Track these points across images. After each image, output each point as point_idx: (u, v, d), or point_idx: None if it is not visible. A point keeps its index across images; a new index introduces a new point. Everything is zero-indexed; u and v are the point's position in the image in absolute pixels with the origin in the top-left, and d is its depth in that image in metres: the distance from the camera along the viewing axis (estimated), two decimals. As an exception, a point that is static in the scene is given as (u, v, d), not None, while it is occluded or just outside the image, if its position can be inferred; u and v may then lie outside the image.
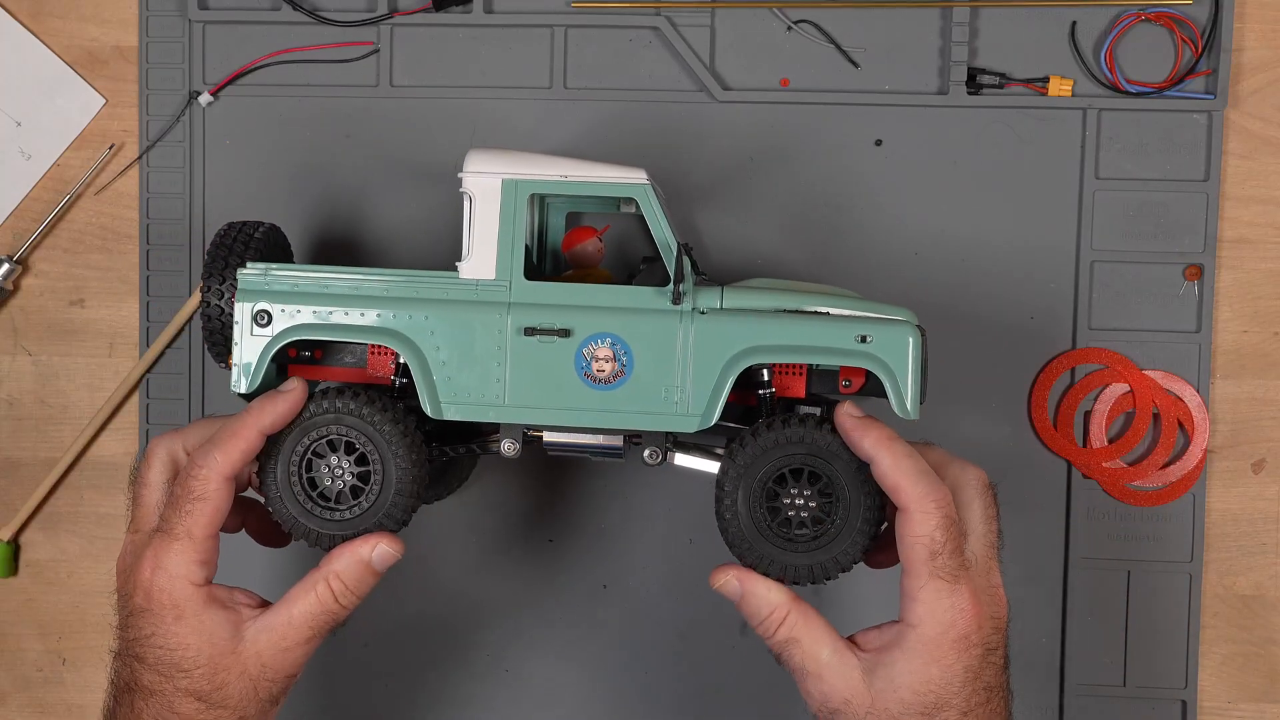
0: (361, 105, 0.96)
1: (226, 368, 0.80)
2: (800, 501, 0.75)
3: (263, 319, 0.77)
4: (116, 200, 0.98)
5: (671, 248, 0.76)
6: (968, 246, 0.94)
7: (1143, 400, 0.93)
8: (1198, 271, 0.93)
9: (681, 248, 0.76)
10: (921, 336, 0.76)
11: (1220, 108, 0.92)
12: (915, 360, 0.76)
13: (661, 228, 0.77)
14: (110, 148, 0.97)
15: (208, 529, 0.74)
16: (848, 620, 0.78)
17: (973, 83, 0.93)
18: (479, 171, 0.77)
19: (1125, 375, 0.93)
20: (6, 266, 0.97)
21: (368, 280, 0.77)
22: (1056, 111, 0.93)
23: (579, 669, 0.97)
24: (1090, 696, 0.94)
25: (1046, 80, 0.92)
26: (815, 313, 0.77)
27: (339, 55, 0.95)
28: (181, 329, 0.96)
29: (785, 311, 0.77)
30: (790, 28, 0.94)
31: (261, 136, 0.96)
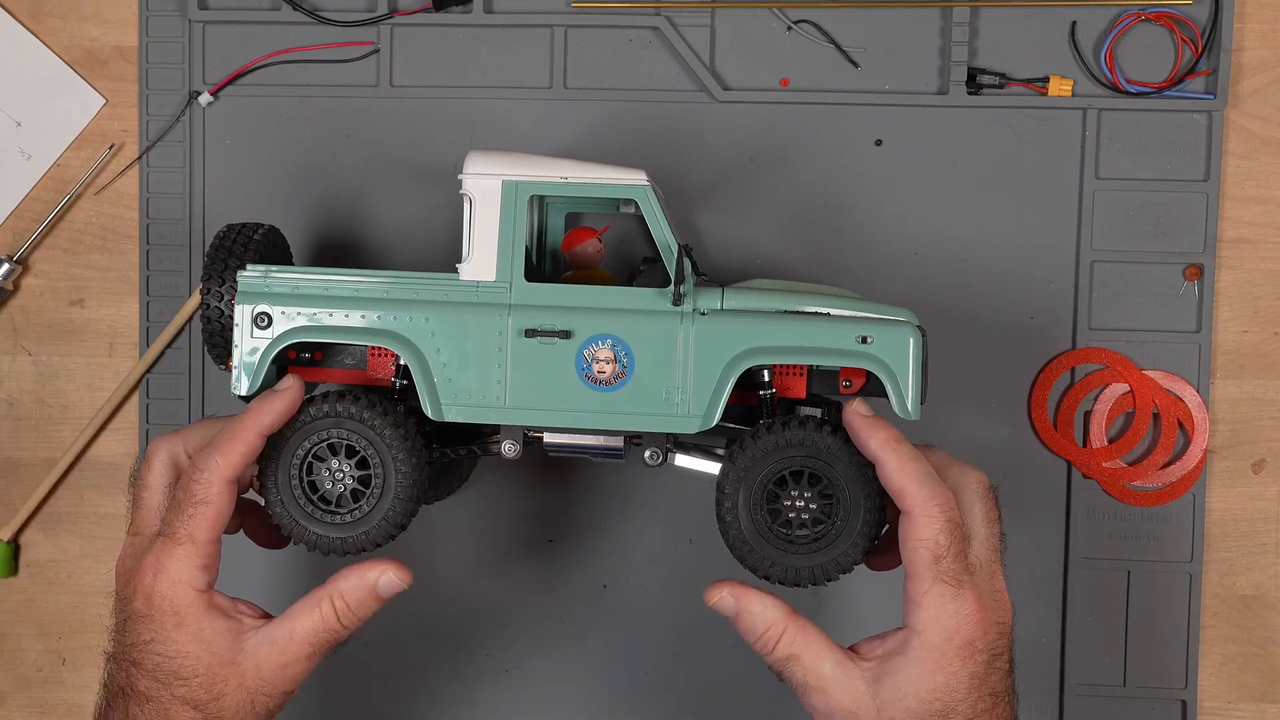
0: (361, 105, 0.95)
1: (226, 370, 0.80)
2: (801, 503, 0.75)
3: (263, 321, 0.77)
4: (116, 200, 0.98)
5: (672, 249, 0.76)
6: (968, 246, 0.94)
7: (1143, 400, 0.93)
8: (1198, 271, 0.93)
9: (682, 249, 0.76)
10: (922, 337, 0.76)
11: (1220, 108, 0.92)
12: (916, 360, 0.76)
13: (662, 229, 0.77)
14: (110, 148, 0.97)
15: (210, 533, 0.73)
16: (847, 627, 0.79)
17: (973, 83, 0.93)
18: (479, 173, 0.77)
19: (1125, 375, 0.93)
20: (6, 266, 0.97)
21: (368, 282, 0.77)
22: (1056, 111, 0.93)
23: (579, 669, 0.97)
24: (1090, 696, 0.94)
25: (1046, 80, 0.92)
26: (816, 313, 0.77)
27: (339, 55, 0.95)
28: (181, 329, 0.96)
29: (786, 312, 0.77)
30: (790, 28, 0.94)
31: (261, 136, 0.96)
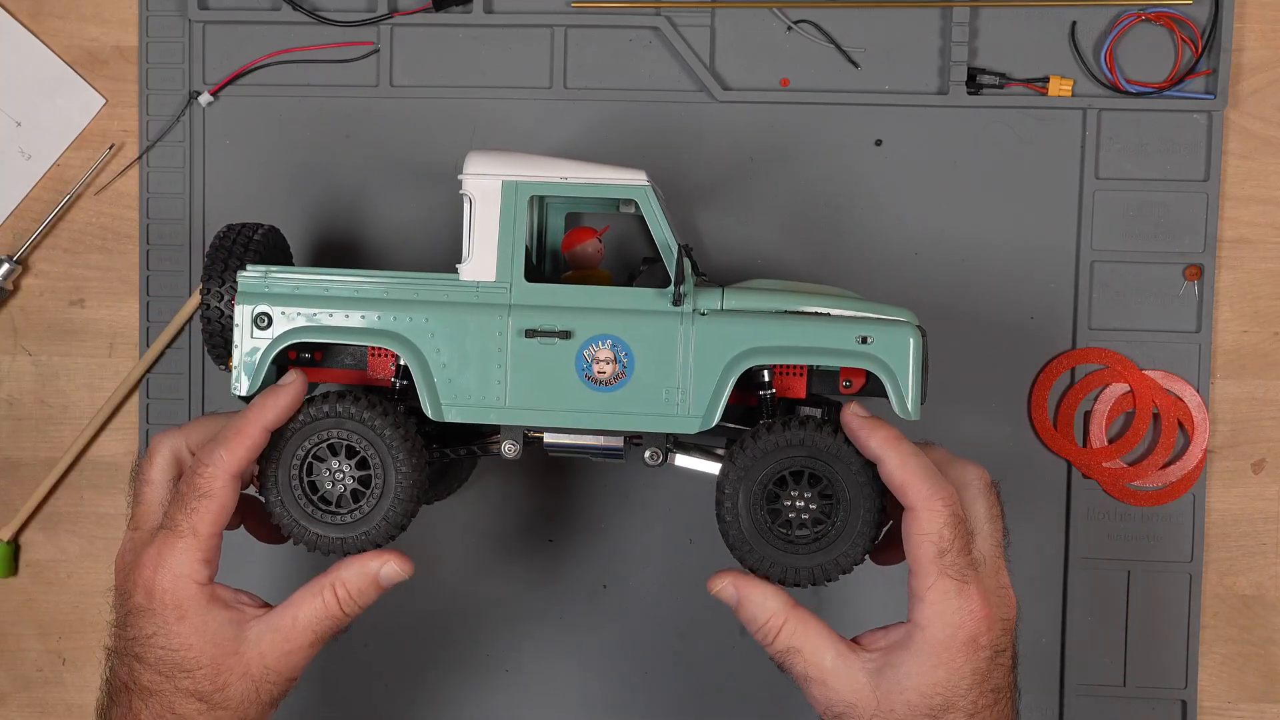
0: (361, 105, 0.95)
1: (226, 370, 0.80)
2: (801, 503, 0.75)
3: (263, 321, 0.77)
4: (116, 200, 0.98)
5: (672, 249, 0.76)
6: (968, 246, 0.94)
7: (1143, 400, 0.93)
8: (1198, 271, 0.93)
9: (682, 249, 0.76)
10: (922, 337, 0.76)
11: (1220, 108, 0.92)
12: (916, 361, 0.76)
13: (662, 229, 0.77)
14: (110, 148, 0.97)
15: (213, 527, 0.73)
16: (850, 619, 0.79)
17: (973, 83, 0.93)
18: (479, 173, 0.77)
19: (1125, 375, 0.93)
20: (6, 266, 0.97)
21: (368, 282, 0.77)
22: (1056, 111, 0.93)
23: (579, 669, 0.97)
24: (1090, 696, 0.94)
25: (1046, 80, 0.92)
26: (816, 313, 0.77)
27: (339, 55, 0.95)
28: (181, 329, 0.96)
29: (786, 312, 0.77)
30: (790, 28, 0.94)
31: (261, 136, 0.96)
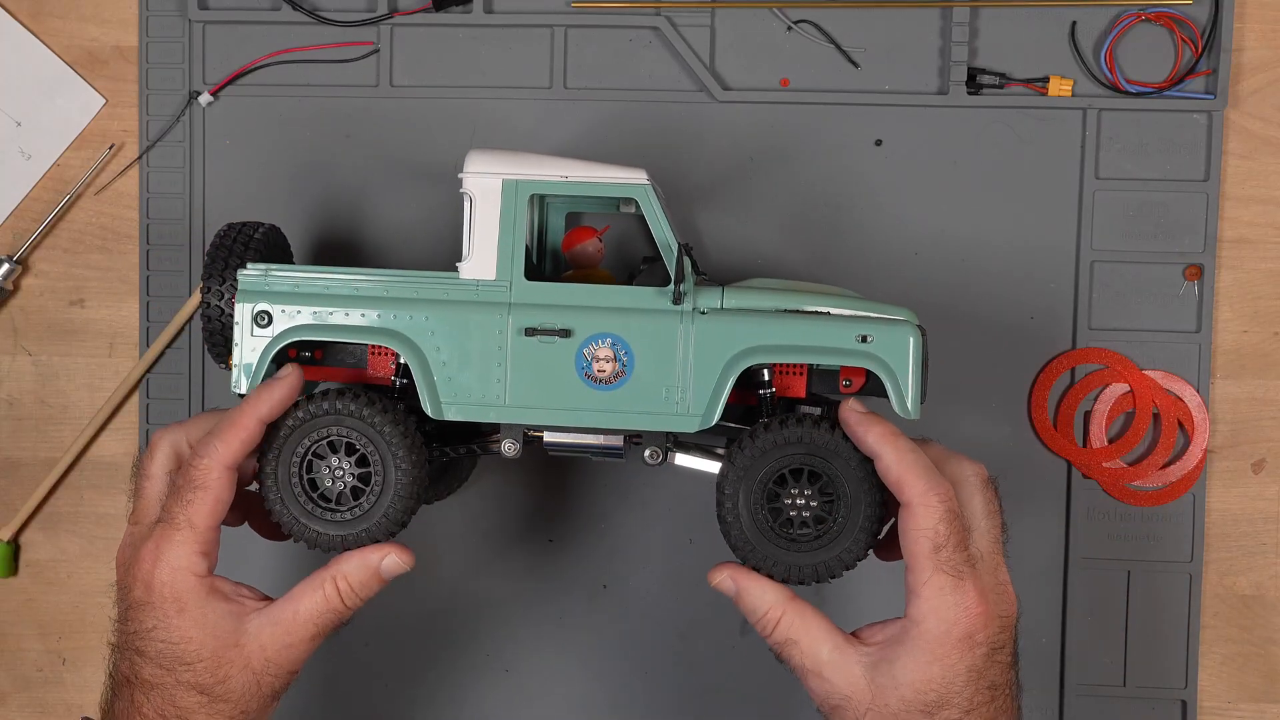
0: (361, 105, 0.95)
1: (227, 368, 0.80)
2: (801, 501, 0.75)
3: (263, 320, 0.77)
4: (116, 200, 0.98)
5: (672, 248, 0.76)
6: (968, 246, 0.94)
7: (1143, 400, 0.93)
8: (1198, 271, 0.93)
9: (682, 248, 0.76)
10: (922, 336, 0.76)
11: (1220, 108, 0.92)
12: (916, 360, 0.76)
13: (662, 228, 0.77)
14: (110, 148, 0.97)
15: (209, 519, 0.74)
16: (852, 615, 0.78)
17: (973, 83, 0.93)
18: (479, 172, 0.77)
19: (1125, 375, 0.93)
20: (6, 266, 0.97)
21: (368, 281, 0.77)
22: (1056, 111, 0.93)
23: (579, 669, 0.97)
24: (1090, 696, 0.94)
25: (1046, 80, 0.92)
26: (816, 313, 0.77)
27: (339, 55, 0.95)
28: (181, 329, 0.96)
29: (786, 311, 0.77)
30: (790, 28, 0.94)
31: (261, 136, 0.96)
